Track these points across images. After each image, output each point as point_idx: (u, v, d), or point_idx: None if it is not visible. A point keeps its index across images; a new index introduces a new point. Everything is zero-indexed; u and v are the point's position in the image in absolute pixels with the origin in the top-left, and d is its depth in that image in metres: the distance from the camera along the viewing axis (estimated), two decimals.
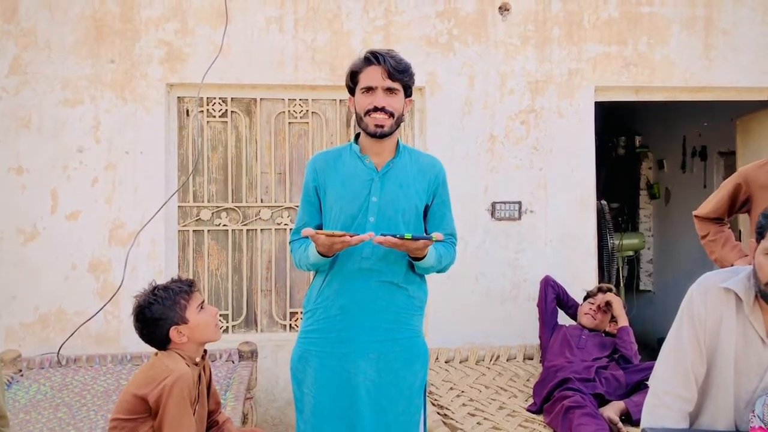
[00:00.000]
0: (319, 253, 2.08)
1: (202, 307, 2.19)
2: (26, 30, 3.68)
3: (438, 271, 2.28)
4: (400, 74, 2.12)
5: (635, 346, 3.34)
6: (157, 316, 2.10)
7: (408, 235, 1.97)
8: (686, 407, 1.85)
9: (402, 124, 3.77)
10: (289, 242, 2.33)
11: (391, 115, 2.11)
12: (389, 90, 2.11)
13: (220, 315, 3.87)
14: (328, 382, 2.14)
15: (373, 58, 2.11)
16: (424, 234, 2.18)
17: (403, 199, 2.17)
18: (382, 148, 2.18)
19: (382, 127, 2.10)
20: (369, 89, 2.11)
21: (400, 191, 2.17)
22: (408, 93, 2.20)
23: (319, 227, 2.22)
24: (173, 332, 2.11)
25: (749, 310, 1.80)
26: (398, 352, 2.17)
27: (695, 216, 3.15)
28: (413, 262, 2.16)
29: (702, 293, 1.86)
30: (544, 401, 3.03)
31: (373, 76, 2.10)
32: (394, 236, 1.97)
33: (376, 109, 2.09)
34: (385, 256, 2.12)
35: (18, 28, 3.67)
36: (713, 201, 3.05)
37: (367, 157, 2.19)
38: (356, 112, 2.17)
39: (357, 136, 2.25)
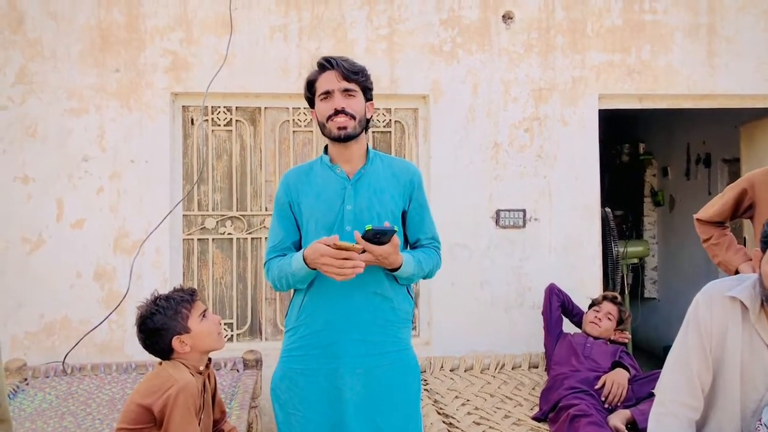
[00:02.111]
0: (305, 260, 1.97)
1: (204, 316, 2.18)
2: (32, 40, 3.70)
3: (423, 278, 2.22)
4: (355, 75, 2.09)
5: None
6: (159, 326, 2.10)
7: (369, 227, 1.87)
8: (693, 415, 1.85)
9: (405, 132, 3.77)
10: (265, 263, 2.19)
11: (353, 117, 2.08)
12: (347, 92, 2.08)
13: (225, 323, 3.88)
14: (317, 400, 2.08)
15: (326, 63, 2.09)
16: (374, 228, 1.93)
17: (377, 205, 2.12)
18: (351, 154, 2.14)
19: (345, 128, 2.06)
20: (327, 93, 2.08)
21: (374, 197, 2.12)
22: (368, 96, 2.17)
23: (296, 243, 2.16)
24: (176, 342, 2.11)
25: (755, 319, 1.80)
26: (388, 366, 2.12)
27: (697, 219, 3.13)
28: (394, 274, 2.09)
29: (707, 302, 1.86)
30: (550, 409, 3.02)
31: (328, 80, 2.08)
32: (372, 237, 1.88)
33: (336, 113, 2.06)
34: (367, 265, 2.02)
35: (24, 38, 3.69)
36: (717, 204, 3.04)
37: (338, 166, 2.14)
38: (319, 121, 2.13)
39: (326, 147, 2.22)
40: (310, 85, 2.14)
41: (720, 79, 4.14)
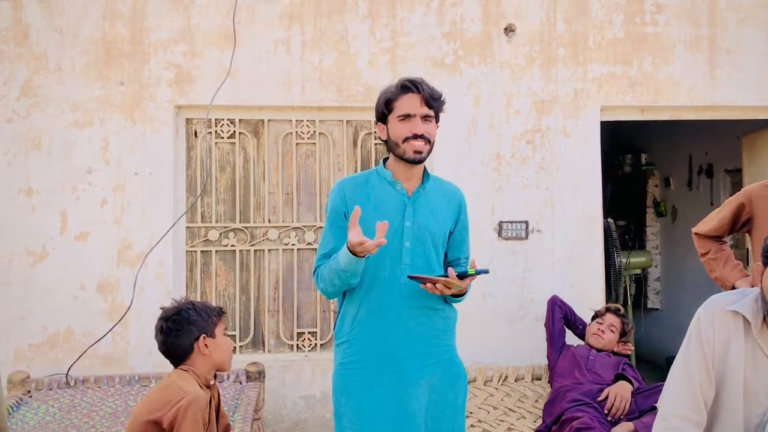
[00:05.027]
0: (351, 251, 1.98)
1: (225, 334, 2.32)
2: (37, 53, 3.73)
3: None
4: (436, 102, 2.16)
5: None
6: (192, 320, 2.19)
7: (471, 270, 2.03)
8: (696, 430, 1.84)
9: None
10: (314, 270, 2.23)
11: (429, 141, 2.15)
12: (426, 117, 2.14)
13: (228, 335, 3.87)
14: (374, 412, 2.10)
15: (411, 86, 2.14)
16: (476, 269, 2.10)
17: (434, 224, 2.21)
18: (413, 174, 2.21)
19: (420, 153, 2.13)
20: (407, 117, 2.13)
21: (431, 216, 2.21)
22: (438, 119, 2.24)
23: None
24: (201, 341, 2.19)
25: (757, 333, 1.80)
26: (441, 374, 2.20)
27: (695, 233, 3.13)
28: (452, 298, 2.18)
29: (709, 316, 1.86)
30: (553, 422, 3.02)
31: (411, 104, 2.13)
32: (464, 274, 2.04)
33: (416, 137, 2.12)
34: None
35: (29, 51, 3.72)
36: (715, 219, 3.03)
37: (398, 182, 2.21)
38: (391, 139, 2.18)
39: (384, 160, 2.27)
40: (388, 103, 2.18)
41: (721, 91, 4.15)
